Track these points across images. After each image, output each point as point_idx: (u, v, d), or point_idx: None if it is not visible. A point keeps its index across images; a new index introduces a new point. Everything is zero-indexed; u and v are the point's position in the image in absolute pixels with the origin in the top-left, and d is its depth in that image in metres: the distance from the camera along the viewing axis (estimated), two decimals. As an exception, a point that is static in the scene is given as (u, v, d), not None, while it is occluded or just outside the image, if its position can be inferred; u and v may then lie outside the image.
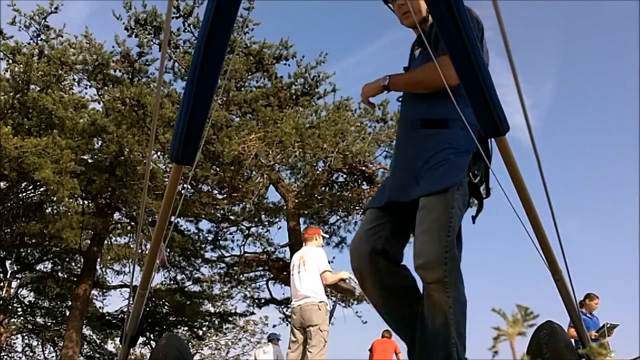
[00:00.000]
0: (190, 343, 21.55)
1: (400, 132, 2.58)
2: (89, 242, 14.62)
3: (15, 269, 19.43)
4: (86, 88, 12.51)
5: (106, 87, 11.79)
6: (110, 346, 20.82)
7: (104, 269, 18.31)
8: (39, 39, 11.72)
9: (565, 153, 36.27)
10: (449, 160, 2.24)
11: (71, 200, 11.61)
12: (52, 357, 20.85)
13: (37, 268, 18.47)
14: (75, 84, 12.35)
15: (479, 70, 1.59)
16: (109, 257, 17.16)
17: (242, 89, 12.48)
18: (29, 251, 17.41)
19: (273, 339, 10.40)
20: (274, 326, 18.87)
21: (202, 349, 22.96)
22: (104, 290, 18.62)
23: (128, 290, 17.46)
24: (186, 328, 18.67)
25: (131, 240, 16.11)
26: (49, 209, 12.94)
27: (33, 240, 15.28)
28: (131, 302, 1.94)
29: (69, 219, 11.51)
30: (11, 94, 10.84)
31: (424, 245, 2.15)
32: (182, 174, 1.90)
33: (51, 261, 18.00)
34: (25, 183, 12.53)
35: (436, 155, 2.27)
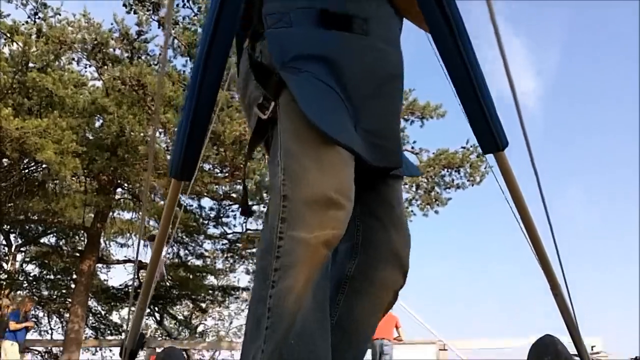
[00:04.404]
0: (193, 314, 21.75)
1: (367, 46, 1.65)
2: (92, 216, 14.67)
3: (20, 242, 19.62)
4: (85, 68, 12.49)
5: (105, 67, 11.76)
6: (115, 317, 21.12)
7: (107, 242, 18.46)
8: (37, 17, 11.66)
9: (571, 120, 36.16)
10: None
11: (73, 178, 11.66)
12: (58, 327, 21.15)
13: (42, 241, 18.63)
14: (75, 63, 12.32)
15: (477, 84, 1.57)
16: (112, 231, 17.26)
17: (243, 64, 12.41)
18: (32, 227, 17.55)
19: None
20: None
21: (205, 320, 23.14)
22: (108, 265, 18.81)
23: (132, 265, 17.66)
24: (189, 301, 18.84)
25: (134, 217, 16.22)
26: (52, 187, 12.97)
27: (36, 217, 15.41)
28: (132, 309, 1.97)
29: (71, 197, 11.58)
30: (10, 74, 10.81)
31: (406, 223, 1.74)
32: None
33: (55, 235, 18.13)
34: (27, 160, 12.56)
35: (398, 129, 1.73)
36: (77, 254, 16.61)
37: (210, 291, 18.16)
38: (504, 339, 11.75)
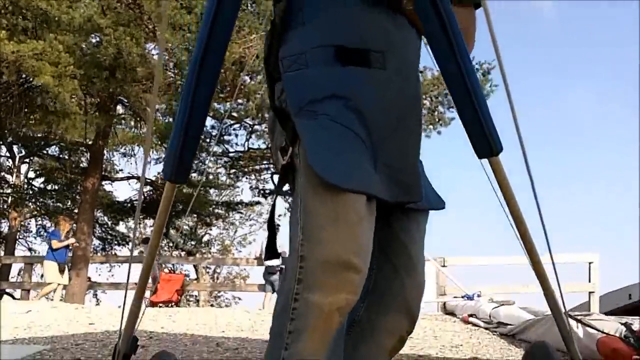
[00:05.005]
0: (198, 225, 22.13)
1: (388, 86, 1.60)
2: (93, 128, 14.59)
3: (24, 153, 19.72)
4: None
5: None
6: (121, 227, 21.54)
7: (110, 153, 18.51)
8: None
9: (585, 22, 35.59)
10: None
11: (73, 99, 11.51)
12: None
13: (45, 152, 18.65)
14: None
15: (472, 89, 1.58)
16: (115, 142, 17.24)
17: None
18: (35, 143, 17.60)
19: None
20: (279, 216, 19.39)
21: (210, 230, 23.54)
22: (113, 181, 18.99)
23: (135, 180, 17.79)
24: (194, 215, 19.11)
25: (136, 131, 16.20)
26: (52, 108, 12.85)
27: (39, 135, 15.43)
28: (125, 310, 1.98)
29: (72, 119, 11.50)
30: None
31: (422, 272, 1.73)
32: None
33: (58, 146, 18.14)
34: (26, 76, 12.39)
35: (417, 161, 1.70)
36: (80, 171, 16.74)
37: (213, 206, 18.40)
38: (504, 257, 11.93)
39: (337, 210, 1.42)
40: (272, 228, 1.79)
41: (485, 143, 1.60)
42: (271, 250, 1.78)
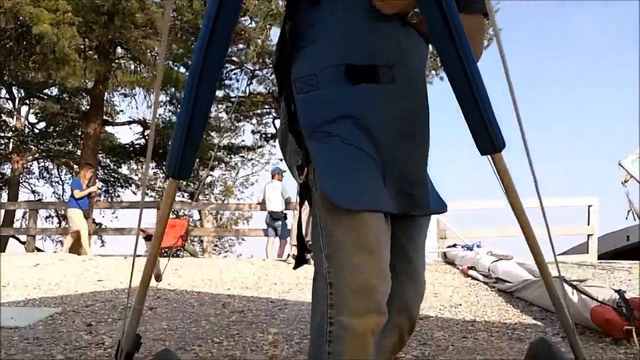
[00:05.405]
0: (200, 168, 22.20)
1: (395, 94, 1.63)
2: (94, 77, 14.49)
3: (23, 94, 19.59)
4: None
5: None
6: (124, 169, 21.60)
7: (111, 94, 18.36)
8: None
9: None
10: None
11: (71, 47, 11.33)
12: (68, 178, 21.76)
13: (45, 93, 18.51)
14: None
15: (475, 86, 1.59)
16: (115, 83, 17.10)
17: None
18: (36, 87, 17.48)
19: (276, 173, 10.75)
20: (280, 159, 19.44)
21: (212, 171, 23.60)
22: (114, 125, 18.92)
23: (137, 125, 17.74)
24: (198, 160, 19.14)
25: (136, 76, 16.06)
26: (50, 54, 12.72)
27: (38, 79, 15.31)
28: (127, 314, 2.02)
29: (71, 66, 11.36)
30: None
31: (423, 276, 1.81)
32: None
33: (58, 89, 18.01)
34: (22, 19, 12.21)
35: (425, 172, 1.76)
36: (81, 115, 16.67)
37: (215, 150, 18.35)
38: (504, 201, 11.93)
39: (358, 234, 1.50)
40: (301, 242, 1.86)
41: (488, 140, 1.62)
42: (301, 259, 1.85)
